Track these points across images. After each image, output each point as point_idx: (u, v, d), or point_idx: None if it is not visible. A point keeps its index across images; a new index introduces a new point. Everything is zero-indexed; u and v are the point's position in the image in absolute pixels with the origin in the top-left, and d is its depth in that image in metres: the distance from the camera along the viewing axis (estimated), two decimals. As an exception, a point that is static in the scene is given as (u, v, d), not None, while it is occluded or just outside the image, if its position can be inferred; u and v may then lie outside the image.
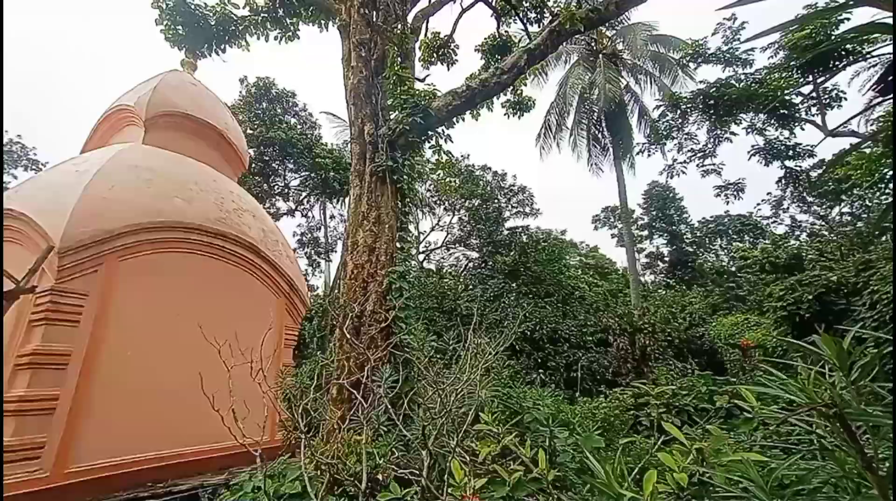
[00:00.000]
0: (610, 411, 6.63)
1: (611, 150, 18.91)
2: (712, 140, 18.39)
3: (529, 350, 14.63)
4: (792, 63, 14.37)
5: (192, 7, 7.30)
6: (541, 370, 13.92)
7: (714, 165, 19.65)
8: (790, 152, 17.65)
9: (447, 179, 15.10)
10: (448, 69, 9.32)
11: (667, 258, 28.64)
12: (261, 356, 6.31)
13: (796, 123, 16.16)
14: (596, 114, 18.93)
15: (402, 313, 4.96)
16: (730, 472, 1.98)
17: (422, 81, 6.47)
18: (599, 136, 19.16)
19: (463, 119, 6.15)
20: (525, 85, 9.26)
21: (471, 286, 17.60)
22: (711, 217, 28.80)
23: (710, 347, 14.35)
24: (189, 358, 7.62)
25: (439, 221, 23.53)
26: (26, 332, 6.09)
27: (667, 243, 28.68)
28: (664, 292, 22.47)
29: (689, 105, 16.86)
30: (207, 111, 10.49)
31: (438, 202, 22.42)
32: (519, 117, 10.14)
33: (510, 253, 18.45)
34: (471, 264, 22.80)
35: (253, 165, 13.82)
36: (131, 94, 9.87)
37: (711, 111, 16.24)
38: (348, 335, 4.55)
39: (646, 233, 29.68)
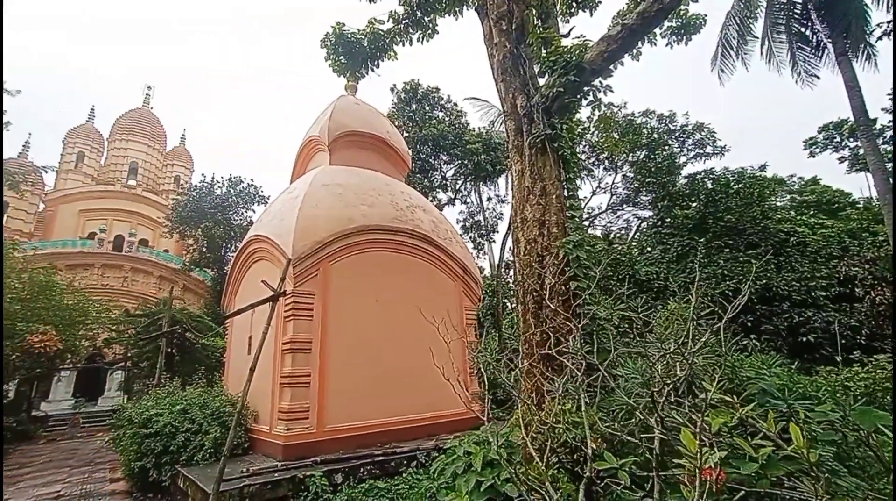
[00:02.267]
0: (875, 383, 5.15)
1: (829, 48, 14.19)
2: None
3: (735, 314, 12.47)
4: None
5: (349, 36, 8.27)
6: (752, 336, 11.72)
7: None
8: None
9: (607, 134, 13.75)
10: (591, 15, 8.42)
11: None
12: (448, 335, 6.97)
13: None
14: (800, 5, 14.47)
15: (583, 283, 4.79)
16: None
17: (566, 36, 5.99)
18: (808, 33, 14.57)
19: (622, 64, 5.47)
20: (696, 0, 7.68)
21: (647, 249, 15.88)
22: None
23: None
24: (392, 340, 8.96)
25: (600, 183, 21.81)
26: (283, 325, 8.05)
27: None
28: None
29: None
30: (372, 124, 11.95)
31: (596, 163, 20.75)
32: (686, 43, 8.53)
33: (692, 205, 15.91)
34: (644, 225, 20.52)
35: (413, 164, 15.17)
36: (314, 125, 11.93)
37: None
38: (532, 310, 4.62)
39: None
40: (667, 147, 18.27)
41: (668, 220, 16.09)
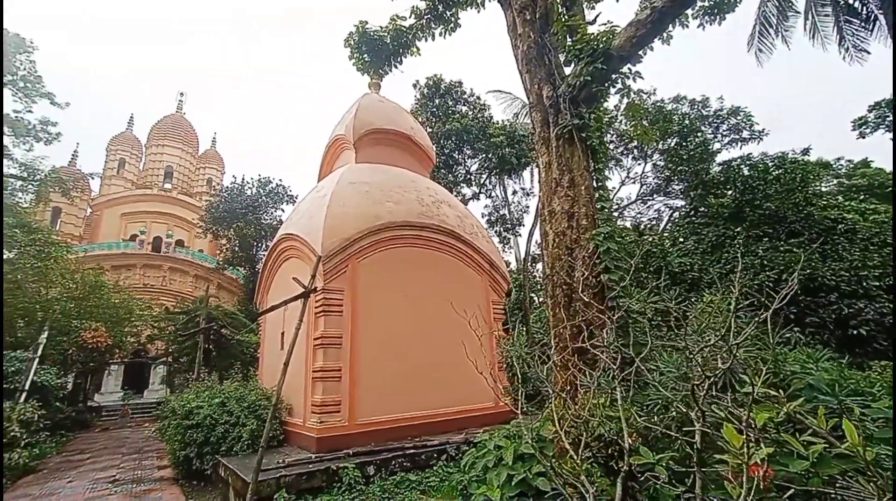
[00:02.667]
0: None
1: (880, 19, 13.22)
2: None
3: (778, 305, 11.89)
4: None
5: (372, 34, 8.33)
6: (795, 328, 11.15)
7: None
8: None
9: (637, 122, 13.28)
10: (617, 0, 8.16)
11: None
12: (478, 329, 6.97)
13: None
14: (846, -24, 13.55)
15: (615, 275, 4.67)
16: None
17: (592, 23, 5.82)
18: (857, 5, 13.59)
19: (651, 49, 5.26)
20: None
21: (680, 239, 15.34)
22: None
23: None
24: (420, 335, 9.03)
25: (629, 172, 21.19)
26: (314, 321, 8.24)
27: None
28: None
29: None
30: (396, 121, 12.01)
31: (625, 152, 20.16)
32: (720, 23, 8.14)
33: (727, 193, 15.25)
34: (676, 215, 19.83)
35: (437, 160, 15.17)
36: (340, 124, 12.09)
37: None
38: (562, 304, 4.55)
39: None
40: (699, 134, 17.51)
41: (702, 209, 15.47)
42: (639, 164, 21.06)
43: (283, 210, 27.16)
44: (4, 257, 14.27)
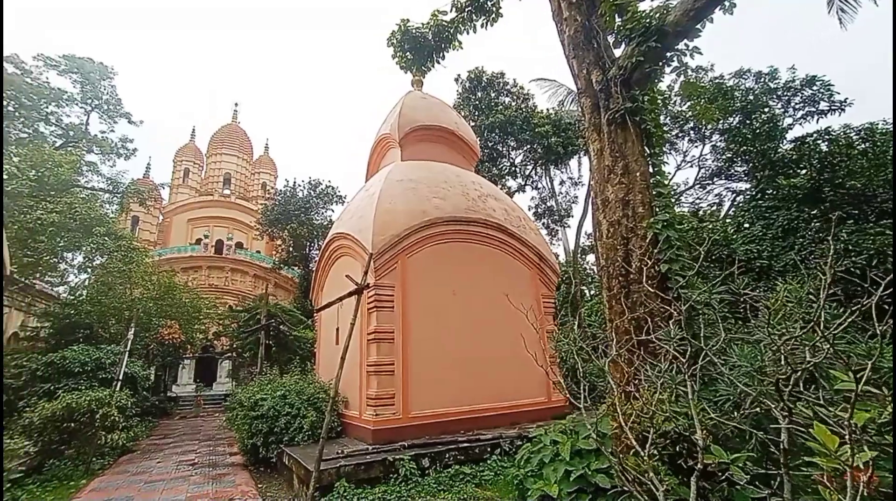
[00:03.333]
0: None
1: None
2: None
3: (864, 294, 10.74)
4: None
5: (413, 32, 8.36)
6: (892, 320, 9.95)
7: None
8: None
9: (695, 102, 12.42)
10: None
11: None
12: (533, 322, 6.85)
13: None
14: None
15: (676, 265, 4.41)
16: None
17: (643, -2, 5.48)
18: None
19: (711, 21, 4.85)
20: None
21: (745, 225, 14.22)
22: None
23: None
24: (470, 330, 9.03)
25: (685, 156, 19.93)
26: (367, 316, 8.48)
27: None
28: None
29: None
30: (439, 117, 12.04)
31: (680, 135, 18.97)
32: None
33: (801, 172, 13.91)
34: (739, 199, 18.41)
35: (481, 153, 15.05)
36: (385, 124, 12.30)
37: None
38: (619, 296, 4.36)
39: None
40: (766, 109, 16.06)
41: (770, 191, 14.19)
42: (696, 146, 19.76)
43: (332, 210, 28.22)
44: (97, 262, 16.00)
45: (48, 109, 17.97)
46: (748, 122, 16.04)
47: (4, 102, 16.29)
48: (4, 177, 12.90)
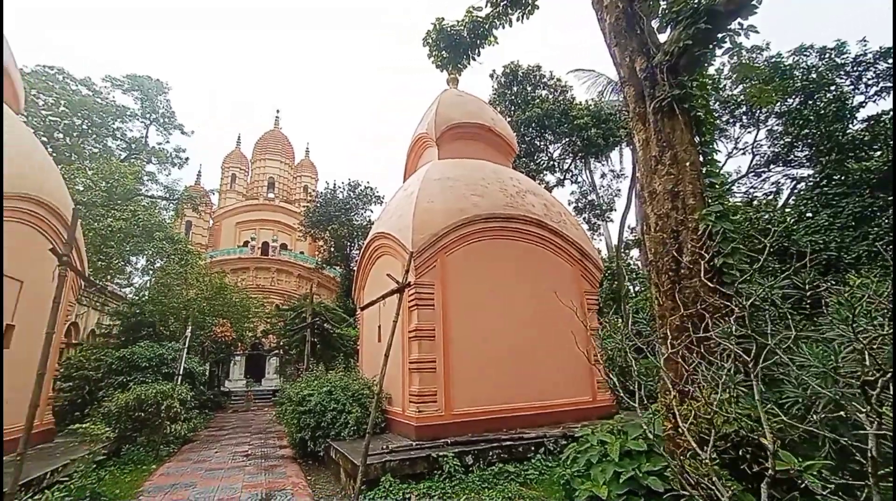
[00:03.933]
0: None
1: None
2: None
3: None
4: None
5: (449, 30, 8.36)
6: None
7: None
8: None
9: (749, 85, 11.62)
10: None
11: None
12: (573, 321, 6.70)
13: None
14: None
15: (731, 258, 4.15)
16: None
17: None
18: None
19: (767, -6, 4.52)
20: None
21: (808, 214, 13.19)
22: None
23: None
24: (511, 327, 8.94)
25: (736, 143, 18.72)
26: (408, 314, 8.58)
27: None
28: None
29: None
30: (475, 114, 11.98)
31: (731, 121, 17.82)
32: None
33: (875, 154, 12.72)
34: (801, 186, 17.08)
35: (518, 148, 14.83)
36: (421, 123, 12.39)
37: None
38: (669, 292, 4.16)
39: None
40: (832, 88, 14.77)
41: (838, 177, 13.08)
42: (749, 132, 18.49)
43: (371, 211, 28.81)
44: (158, 264, 17.24)
45: (114, 125, 19.58)
46: (811, 102, 14.83)
47: (78, 121, 17.92)
48: (80, 188, 14.19)
